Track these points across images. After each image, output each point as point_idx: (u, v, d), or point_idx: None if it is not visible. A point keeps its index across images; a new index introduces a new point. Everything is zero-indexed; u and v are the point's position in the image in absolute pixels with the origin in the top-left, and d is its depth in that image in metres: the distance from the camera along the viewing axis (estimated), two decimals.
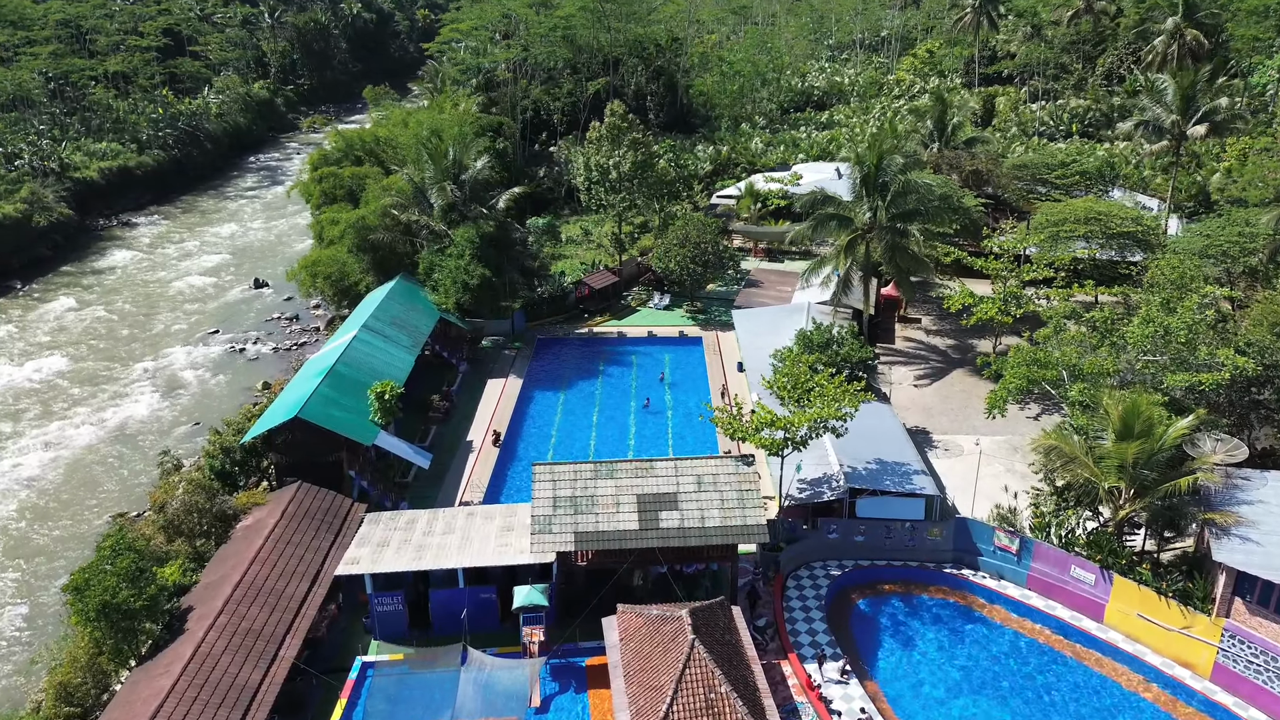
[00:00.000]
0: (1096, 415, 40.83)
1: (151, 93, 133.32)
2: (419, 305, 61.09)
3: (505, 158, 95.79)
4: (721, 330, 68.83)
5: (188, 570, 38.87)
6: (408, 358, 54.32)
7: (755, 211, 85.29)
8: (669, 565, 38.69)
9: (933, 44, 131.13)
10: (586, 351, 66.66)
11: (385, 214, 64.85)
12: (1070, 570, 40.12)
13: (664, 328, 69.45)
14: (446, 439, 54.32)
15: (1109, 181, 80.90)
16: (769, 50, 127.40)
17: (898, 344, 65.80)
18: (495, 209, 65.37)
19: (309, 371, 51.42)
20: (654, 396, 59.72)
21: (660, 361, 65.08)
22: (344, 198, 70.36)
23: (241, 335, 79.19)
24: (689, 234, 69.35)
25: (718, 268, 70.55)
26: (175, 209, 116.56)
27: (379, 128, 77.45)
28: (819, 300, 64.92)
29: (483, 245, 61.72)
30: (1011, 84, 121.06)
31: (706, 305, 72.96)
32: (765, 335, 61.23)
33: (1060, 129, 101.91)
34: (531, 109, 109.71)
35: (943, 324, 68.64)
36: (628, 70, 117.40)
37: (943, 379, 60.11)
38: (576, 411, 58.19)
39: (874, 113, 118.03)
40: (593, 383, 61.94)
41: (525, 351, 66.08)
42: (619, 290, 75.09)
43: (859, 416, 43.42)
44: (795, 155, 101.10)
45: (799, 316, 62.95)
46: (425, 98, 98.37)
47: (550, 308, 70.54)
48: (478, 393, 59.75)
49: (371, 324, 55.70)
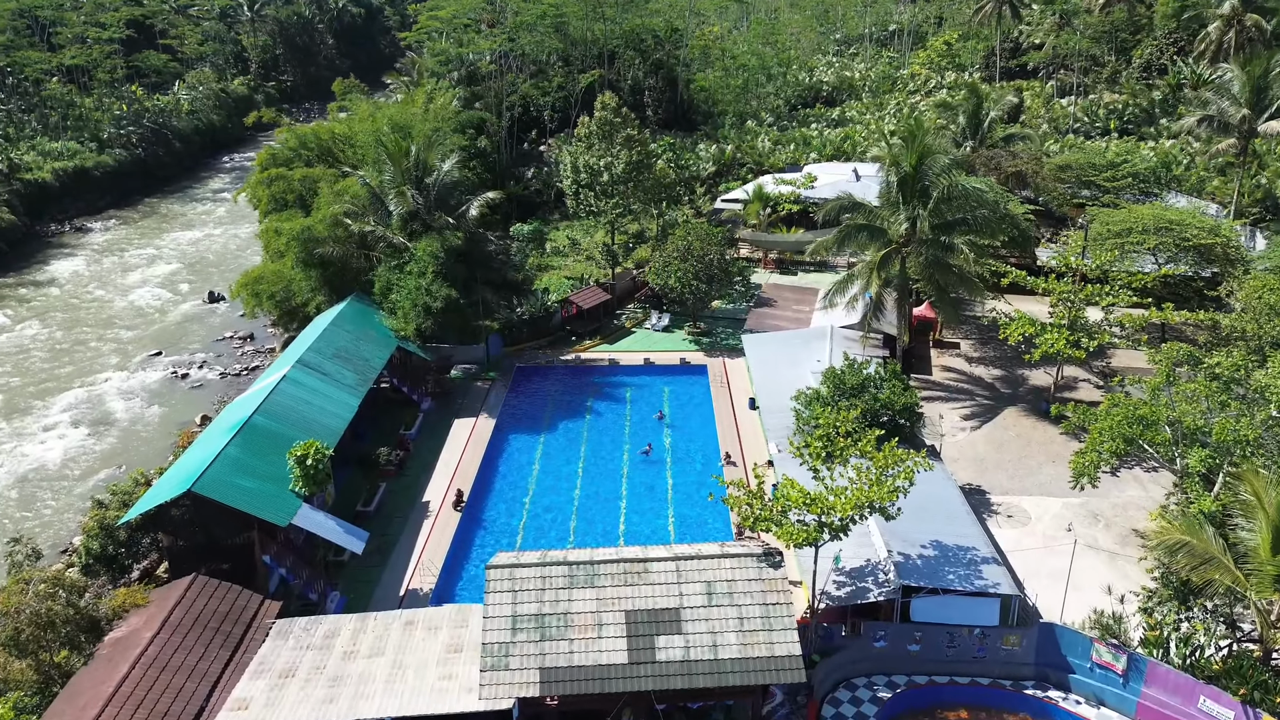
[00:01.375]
0: (1231, 495, 30.43)
1: (115, 88, 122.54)
2: (372, 332, 50.61)
3: (488, 158, 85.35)
4: (729, 357, 58.39)
5: (24, 712, 28.41)
6: (350, 401, 43.85)
7: (764, 218, 74.81)
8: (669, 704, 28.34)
9: (950, 35, 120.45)
10: (572, 383, 56.22)
11: (336, 223, 54.38)
12: (1199, 702, 29.66)
13: (663, 353, 58.99)
14: (399, 499, 43.85)
15: (1163, 184, 70.42)
16: (775, 43, 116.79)
17: (935, 374, 55.36)
18: (466, 217, 54.88)
19: (222, 423, 40.87)
20: (653, 439, 49.33)
21: (658, 395, 54.64)
22: (295, 203, 59.87)
23: (187, 358, 68.73)
24: (691, 245, 58.91)
25: (724, 284, 60.05)
26: (135, 213, 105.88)
27: (337, 124, 67.16)
28: (843, 324, 54.52)
29: (448, 260, 51.25)
30: (1036, 78, 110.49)
31: (711, 327, 62.52)
32: (782, 367, 50.83)
33: (1096, 126, 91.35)
34: (520, 105, 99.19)
35: (985, 350, 58.18)
36: (624, 63, 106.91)
37: (993, 420, 49.63)
38: (558, 460, 47.73)
39: (889, 109, 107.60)
40: (579, 422, 51.50)
41: (501, 383, 55.63)
42: (611, 309, 64.65)
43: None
44: (806, 155, 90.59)
45: (820, 344, 52.57)
46: (400, 92, 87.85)
47: (532, 330, 60.10)
48: (441, 436, 49.27)
49: (309, 359, 45.21)
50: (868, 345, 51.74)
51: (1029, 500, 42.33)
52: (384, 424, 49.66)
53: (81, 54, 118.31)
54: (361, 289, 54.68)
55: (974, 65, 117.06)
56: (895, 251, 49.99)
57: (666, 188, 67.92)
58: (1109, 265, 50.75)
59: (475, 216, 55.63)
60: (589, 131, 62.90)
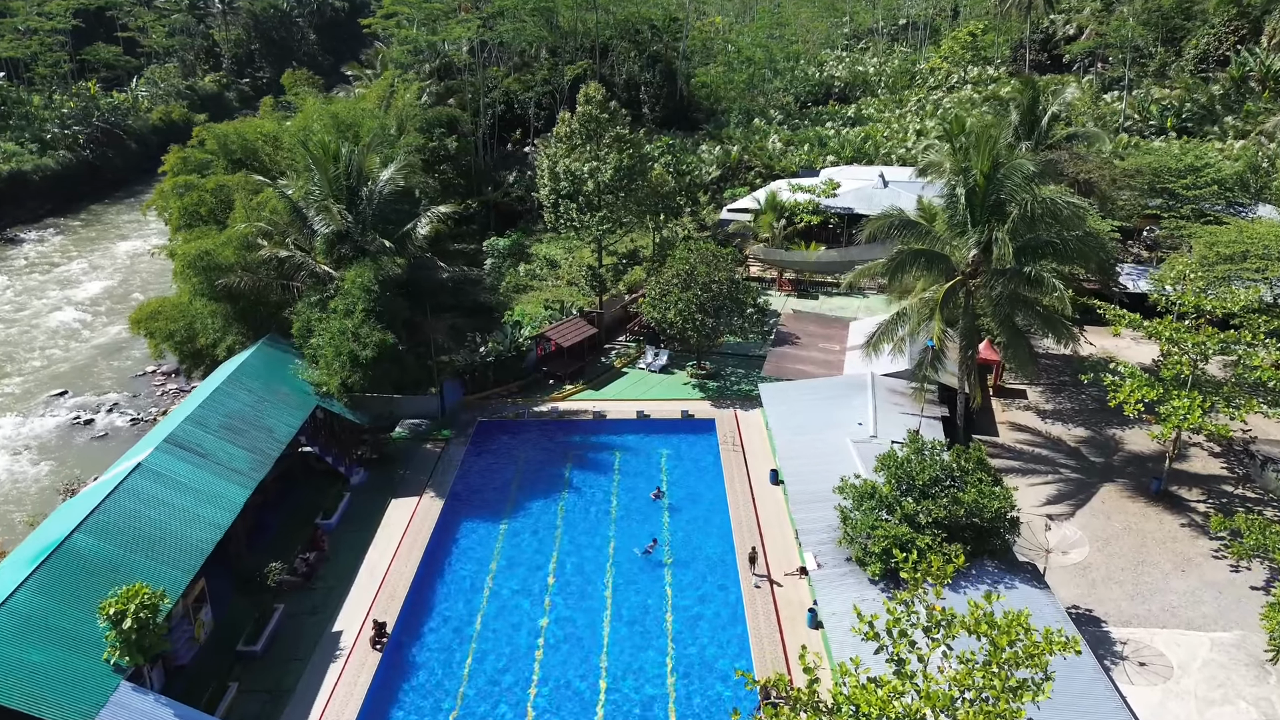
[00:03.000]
0: None
1: (65, 83, 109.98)
2: (283, 389, 38.23)
3: (460, 161, 72.96)
4: (742, 406, 46.14)
5: None
6: (235, 495, 31.47)
7: (779, 231, 62.45)
8: None
9: (974, 25, 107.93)
10: (547, 444, 43.93)
11: (249, 245, 42.02)
12: None
13: (660, 403, 46.67)
14: (301, 629, 31.50)
15: (1253, 193, 58.06)
16: (782, 36, 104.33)
17: (1001, 433, 43.08)
18: (412, 238, 42.54)
19: (26, 551, 28.09)
20: (652, 528, 37.14)
21: (654, 463, 42.35)
22: (210, 218, 47.46)
23: (95, 399, 56.53)
24: (694, 269, 46.57)
25: (736, 315, 47.69)
26: (76, 221, 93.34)
27: (267, 121, 54.77)
28: (887, 371, 42.28)
29: (385, 294, 38.91)
30: (1071, 72, 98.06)
31: (719, 366, 50.22)
32: (812, 430, 38.56)
33: (1150, 124, 78.94)
34: (502, 101, 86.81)
35: (1059, 400, 45.92)
36: (618, 56, 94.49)
37: (1089, 504, 37.32)
38: (522, 567, 35.35)
39: (910, 105, 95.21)
40: (552, 503, 39.22)
41: (458, 443, 43.30)
42: (598, 344, 52.36)
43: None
44: (822, 157, 78.21)
45: (860, 399, 40.33)
46: (364, 85, 75.45)
47: (500, 373, 47.79)
48: (370, 524, 36.94)
49: (183, 435, 32.81)
50: (923, 401, 39.49)
51: (1163, 636, 30.03)
52: (298, 505, 37.42)
53: (18, 46, 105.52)
54: (282, 327, 42.34)
55: (1001, 59, 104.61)
56: (961, 284, 37.71)
57: (664, 198, 55.60)
58: (1221, 297, 38.32)
59: (425, 236, 43.24)
60: (570, 130, 50.50)
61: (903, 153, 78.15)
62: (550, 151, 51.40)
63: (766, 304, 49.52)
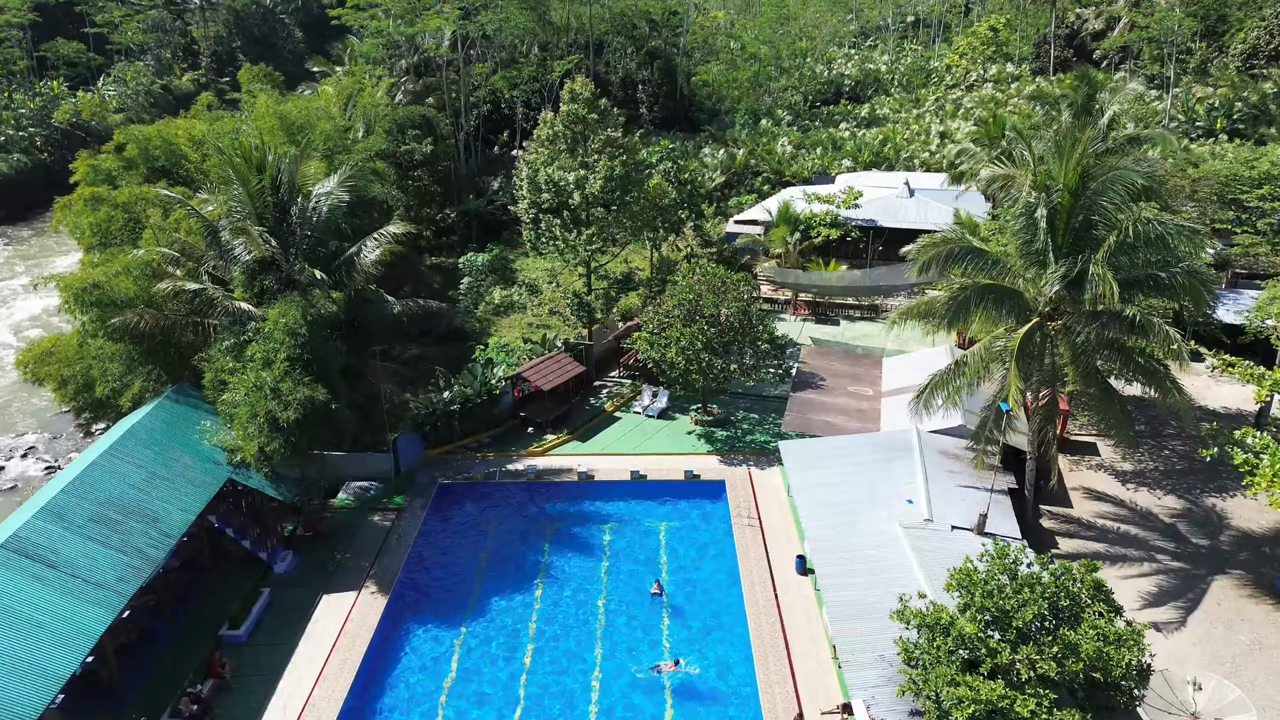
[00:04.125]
0: None
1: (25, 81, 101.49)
2: (185, 458, 29.91)
3: (437, 167, 64.57)
4: (757, 464, 37.90)
5: None
6: (90, 625, 23.09)
7: (794, 246, 54.13)
8: None
9: (995, 20, 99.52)
10: (522, 515, 35.59)
11: (156, 275, 33.71)
12: None
13: (660, 459, 38.33)
14: None
15: None
16: (789, 31, 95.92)
17: (1076, 504, 34.76)
18: (355, 266, 34.20)
19: None
20: (649, 625, 28.94)
21: (653, 540, 34.04)
22: (126, 238, 39.07)
23: (9, 441, 48.23)
24: (700, 299, 38.23)
25: (749, 352, 39.29)
26: (25, 230, 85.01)
27: (197, 121, 46.18)
28: (935, 428, 34.01)
29: (318, 338, 30.58)
30: (1100, 69, 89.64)
31: (729, 410, 41.92)
32: (848, 510, 30.31)
33: (1197, 126, 70.66)
34: (488, 101, 78.46)
35: (1138, 454, 37.59)
36: (614, 52, 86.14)
37: (1200, 607, 28.95)
38: (484, 685, 27.13)
39: (927, 105, 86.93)
40: (526, 596, 30.95)
41: (413, 512, 34.99)
42: (587, 382, 44.07)
43: None
44: (838, 161, 69.90)
45: (905, 463, 32.15)
46: (331, 82, 67.04)
47: (469, 421, 39.45)
48: (293, 634, 28.56)
49: (28, 537, 24.45)
50: (984, 468, 31.27)
51: None
52: (200, 606, 29.15)
53: None
54: (197, 374, 33.95)
55: (1022, 55, 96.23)
56: (1039, 327, 29.43)
57: (663, 211, 47.26)
58: None
59: (373, 262, 34.87)
60: (553, 133, 42.12)
61: (926, 156, 69.95)
62: (530, 158, 43.06)
63: (786, 340, 41.03)
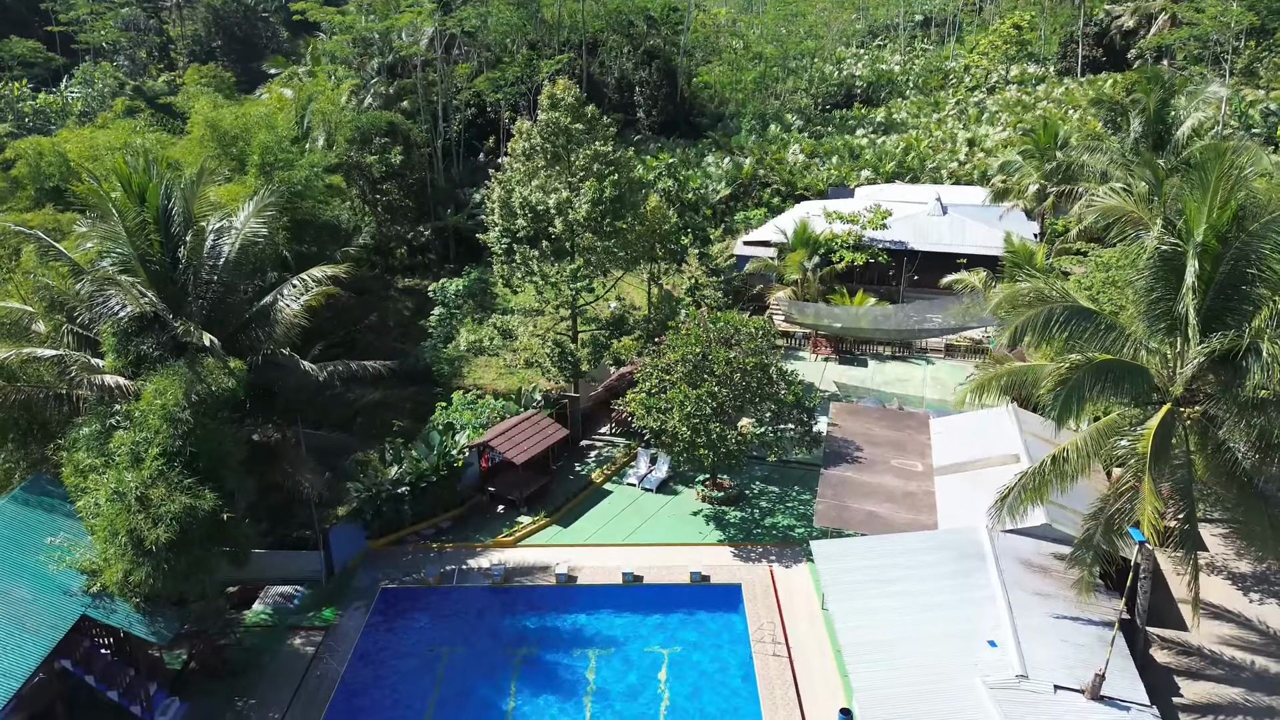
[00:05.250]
0: None
1: None
2: (21, 588, 21.87)
3: (409, 180, 56.54)
4: (780, 560, 29.99)
5: None
6: None
7: (813, 274, 46.12)
8: None
9: (1018, 17, 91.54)
10: (485, 634, 27.55)
11: (15, 331, 25.78)
12: None
13: (659, 553, 30.35)
14: None
15: None
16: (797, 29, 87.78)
17: (1192, 625, 26.81)
18: (273, 321, 26.19)
19: None
20: None
21: (651, 673, 26.00)
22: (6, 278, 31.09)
23: None
24: (710, 356, 30.26)
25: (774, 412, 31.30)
26: None
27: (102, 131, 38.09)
28: (1012, 527, 26.00)
29: (204, 424, 22.57)
30: (1132, 70, 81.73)
31: (743, 484, 33.93)
32: (906, 651, 22.39)
33: (1254, 133, 62.72)
34: (473, 105, 70.51)
35: (1253, 554, 29.67)
36: (610, 52, 78.20)
37: None
38: None
39: (947, 109, 79.02)
40: None
41: (342, 635, 26.97)
42: (572, 441, 36.09)
43: None
44: (856, 172, 61.94)
45: (978, 586, 24.18)
46: (281, 83, 59.07)
47: (422, 504, 31.45)
48: None
49: None
50: (1089, 592, 23.36)
51: None
52: None
53: None
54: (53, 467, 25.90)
55: (1047, 55, 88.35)
56: (1174, 415, 21.48)
57: (663, 238, 39.21)
58: None
59: (296, 313, 26.80)
60: (530, 146, 34.07)
61: (954, 167, 62.02)
62: (503, 176, 35.01)
63: (815, 401, 32.86)
